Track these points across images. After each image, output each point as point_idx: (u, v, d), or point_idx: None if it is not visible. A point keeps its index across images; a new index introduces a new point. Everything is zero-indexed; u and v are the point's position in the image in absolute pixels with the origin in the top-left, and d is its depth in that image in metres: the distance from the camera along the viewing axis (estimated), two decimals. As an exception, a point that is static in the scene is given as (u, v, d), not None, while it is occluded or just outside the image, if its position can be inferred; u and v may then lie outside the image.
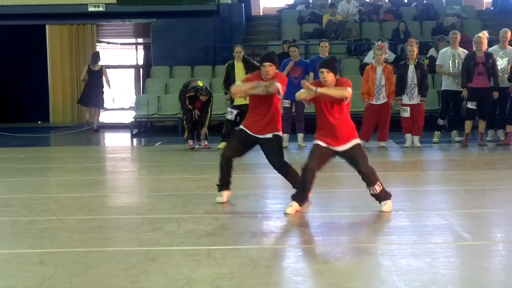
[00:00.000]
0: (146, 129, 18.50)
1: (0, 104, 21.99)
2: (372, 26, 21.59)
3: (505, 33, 14.01)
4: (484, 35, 13.52)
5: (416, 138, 13.70)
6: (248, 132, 8.09)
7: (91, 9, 20.89)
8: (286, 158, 8.34)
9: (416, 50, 13.66)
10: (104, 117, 23.63)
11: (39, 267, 5.65)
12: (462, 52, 14.09)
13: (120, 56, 31.85)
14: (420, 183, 10.16)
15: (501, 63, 13.78)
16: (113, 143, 17.84)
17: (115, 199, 9.15)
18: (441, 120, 14.42)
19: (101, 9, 20.99)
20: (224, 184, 8.25)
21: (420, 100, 13.58)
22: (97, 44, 24.04)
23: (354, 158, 7.58)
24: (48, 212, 7.94)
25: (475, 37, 13.63)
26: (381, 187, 7.63)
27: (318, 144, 7.58)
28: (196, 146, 14.21)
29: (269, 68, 8.05)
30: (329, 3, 22.43)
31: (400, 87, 13.64)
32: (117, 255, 6.06)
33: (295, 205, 7.63)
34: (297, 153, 13.49)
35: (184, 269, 5.54)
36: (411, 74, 13.54)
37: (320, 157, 7.59)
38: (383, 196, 7.67)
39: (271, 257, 6.07)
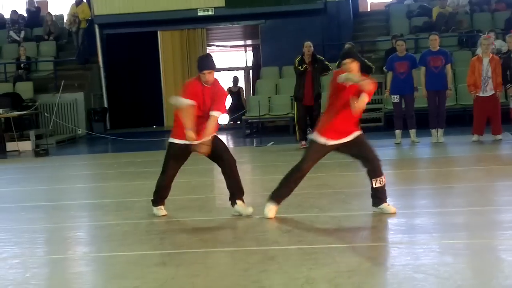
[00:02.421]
0: (258, 130, 18.67)
1: (117, 110, 22.62)
2: (484, 17, 21.06)
3: None
4: None
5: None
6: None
7: (200, 13, 21.27)
8: (399, 155, 8.24)
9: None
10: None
11: (161, 268, 5.80)
12: None
13: (230, 58, 32.20)
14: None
15: None
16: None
17: (231, 200, 9.27)
18: None
19: (210, 13, 21.33)
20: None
21: None
22: (207, 47, 24.40)
23: (362, 145, 7.40)
24: (168, 214, 8.13)
25: None
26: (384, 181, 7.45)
27: (320, 143, 7.40)
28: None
29: (209, 76, 7.70)
30: (438, -5, 22.03)
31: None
32: (236, 255, 6.16)
33: (272, 207, 7.54)
34: (409, 148, 13.34)
35: (303, 267, 5.57)
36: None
37: (317, 159, 7.47)
38: (385, 192, 7.45)
39: (390, 254, 6.03)
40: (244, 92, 23.34)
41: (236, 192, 7.86)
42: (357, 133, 7.40)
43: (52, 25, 23.13)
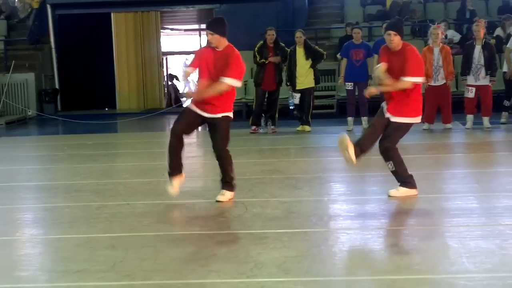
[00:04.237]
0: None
1: (68, 92, 22.34)
2: (437, 7, 21.27)
3: None
4: None
5: (486, 119, 13.47)
6: None
7: (155, -5, 21.10)
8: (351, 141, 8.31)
9: (483, 30, 13.42)
10: (169, 103, 23.88)
11: (110, 251, 5.77)
12: None
13: (184, 42, 32.01)
14: (488, 164, 10.01)
15: None
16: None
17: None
18: (507, 102, 14.17)
19: (165, -5, 21.17)
20: None
21: (490, 81, 13.36)
22: (161, 30, 24.24)
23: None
24: (118, 197, 8.09)
25: None
26: None
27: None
28: (261, 131, 14.23)
29: (211, 37, 7.52)
30: (392, -17, 22.16)
31: (466, 68, 13.45)
32: (186, 239, 6.15)
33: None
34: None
35: (252, 252, 5.59)
36: (478, 55, 13.32)
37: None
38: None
39: (338, 240, 6.08)
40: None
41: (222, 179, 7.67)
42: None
43: (3, 4, 22.74)
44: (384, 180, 8.72)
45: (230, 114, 7.59)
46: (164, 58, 26.05)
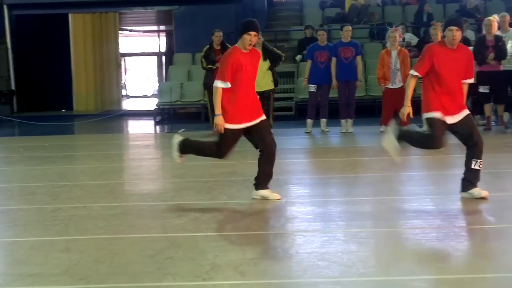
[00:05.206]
0: (169, 116, 18.55)
1: (25, 93, 22.11)
2: (395, 10, 21.47)
3: (503, 17, 13.83)
4: (495, 18, 13.40)
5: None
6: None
7: (113, -4, 20.95)
8: (310, 144, 8.33)
9: (440, 34, 13.52)
10: (127, 105, 23.74)
11: (65, 254, 5.70)
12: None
13: (142, 43, 31.88)
14: (444, 166, 10.11)
15: (509, 46, 13.57)
16: (136, 131, 17.91)
17: (139, 186, 9.20)
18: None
19: (123, -4, 21.04)
20: None
21: None
22: (120, 31, 24.09)
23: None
24: (74, 199, 8.00)
25: (485, 20, 13.55)
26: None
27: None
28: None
29: (254, 38, 7.54)
30: (351, -13, 22.30)
31: (424, 70, 13.55)
32: (142, 242, 6.10)
33: None
34: (320, 138, 13.49)
35: (209, 255, 5.56)
36: (435, 58, 13.42)
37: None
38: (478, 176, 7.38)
39: (295, 242, 6.08)
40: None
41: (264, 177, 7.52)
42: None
43: (-42, 3, 22.44)
44: (342, 182, 8.77)
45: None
46: (123, 59, 25.89)
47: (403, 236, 6.20)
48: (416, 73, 7.49)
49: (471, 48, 12.34)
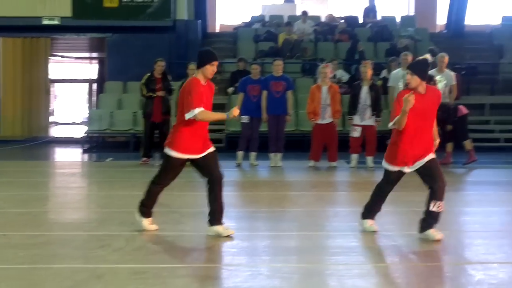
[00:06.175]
0: (98, 145, 18.34)
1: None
2: (327, 46, 21.74)
3: (442, 57, 14.23)
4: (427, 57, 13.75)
5: (370, 159, 13.77)
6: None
7: (45, 22, 20.65)
8: (239, 177, 8.32)
9: (370, 72, 13.77)
10: (55, 131, 23.40)
11: (-19, 284, 5.55)
12: None
13: (74, 70, 31.54)
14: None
15: (440, 86, 13.88)
16: (63, 158, 17.62)
17: (63, 215, 9.02)
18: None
19: (56, 22, 20.77)
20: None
21: (375, 121, 13.72)
22: (50, 57, 23.79)
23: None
24: (-6, 227, 7.80)
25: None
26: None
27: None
28: (151, 162, 14.15)
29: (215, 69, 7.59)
30: (285, 22, 22.53)
31: (352, 107, 13.76)
32: (63, 272, 5.98)
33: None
34: (249, 171, 13.50)
35: (130, 287, 5.48)
36: (364, 95, 13.65)
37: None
38: (437, 218, 7.43)
39: (219, 276, 6.04)
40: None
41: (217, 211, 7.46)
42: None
43: None
44: (269, 216, 8.78)
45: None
46: (53, 85, 25.55)
47: (326, 272, 6.21)
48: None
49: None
